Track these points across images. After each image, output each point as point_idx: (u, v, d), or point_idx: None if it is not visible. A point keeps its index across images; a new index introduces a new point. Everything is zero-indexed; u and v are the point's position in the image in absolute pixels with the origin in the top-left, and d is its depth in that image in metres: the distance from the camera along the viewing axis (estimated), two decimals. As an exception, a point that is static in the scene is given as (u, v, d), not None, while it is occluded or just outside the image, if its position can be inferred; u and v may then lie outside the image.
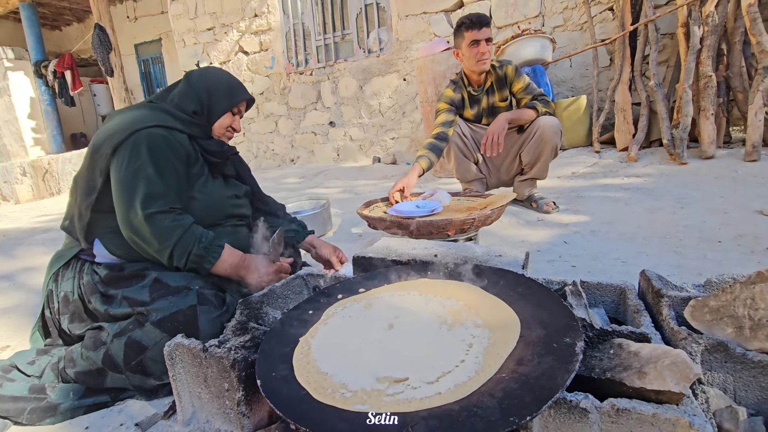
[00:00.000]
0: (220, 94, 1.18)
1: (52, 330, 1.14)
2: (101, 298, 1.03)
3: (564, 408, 0.57)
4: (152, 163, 1.02)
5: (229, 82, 1.21)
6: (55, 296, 1.10)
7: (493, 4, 3.90)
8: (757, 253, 1.49)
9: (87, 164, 1.09)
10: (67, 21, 8.78)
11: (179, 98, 1.16)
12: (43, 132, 7.14)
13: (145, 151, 1.02)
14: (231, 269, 1.09)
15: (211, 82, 1.18)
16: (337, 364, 0.70)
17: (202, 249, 1.03)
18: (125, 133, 1.03)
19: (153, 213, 0.99)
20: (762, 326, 0.62)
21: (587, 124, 3.52)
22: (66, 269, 1.11)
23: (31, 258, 2.39)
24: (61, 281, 1.10)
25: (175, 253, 1.01)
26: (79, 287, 1.07)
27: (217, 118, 1.19)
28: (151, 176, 1.01)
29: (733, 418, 0.57)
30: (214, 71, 1.22)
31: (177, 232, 1.01)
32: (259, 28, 5.22)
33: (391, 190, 1.89)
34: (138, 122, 1.05)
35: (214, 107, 1.18)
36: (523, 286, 0.85)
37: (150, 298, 1.00)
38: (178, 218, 1.03)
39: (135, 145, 1.02)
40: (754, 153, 2.60)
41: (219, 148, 1.20)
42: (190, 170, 1.13)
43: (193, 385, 0.83)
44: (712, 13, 2.82)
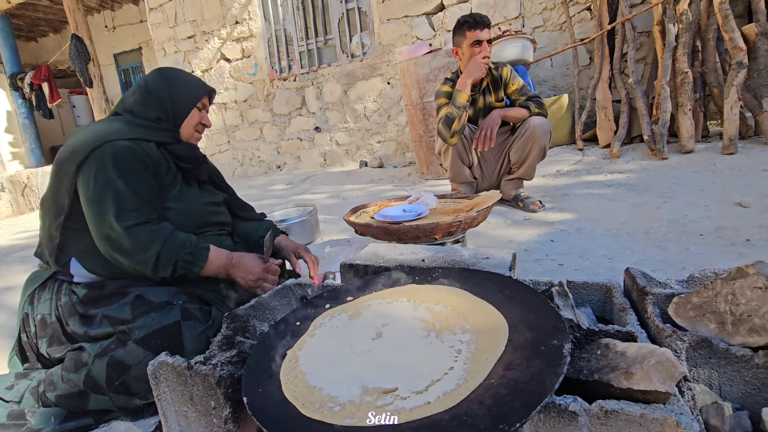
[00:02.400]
0: (181, 93, 1.15)
1: (30, 354, 1.09)
2: (80, 320, 1.00)
3: (553, 412, 0.57)
4: (120, 177, 0.99)
5: (186, 79, 1.19)
6: (32, 319, 1.06)
7: (473, 6, 3.94)
8: (737, 245, 1.52)
9: (52, 184, 1.05)
10: (43, 32, 8.61)
11: (140, 106, 1.12)
12: (21, 146, 6.97)
13: (111, 164, 0.99)
14: (220, 269, 1.07)
15: (168, 83, 1.15)
16: (325, 377, 0.69)
17: (188, 254, 1.01)
18: (88, 148, 0.99)
19: (130, 226, 0.97)
20: (743, 321, 0.63)
21: (570, 122, 3.57)
22: (42, 290, 1.07)
23: (10, 277, 2.33)
24: (37, 303, 1.06)
25: (160, 263, 0.99)
26: (57, 309, 1.03)
27: (183, 118, 1.16)
28: (121, 189, 0.98)
29: (719, 414, 0.57)
30: (167, 72, 1.18)
31: (157, 242, 0.98)
32: (241, 35, 5.19)
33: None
34: (100, 137, 1.02)
35: (178, 108, 1.15)
36: (510, 288, 0.85)
37: (132, 315, 0.97)
38: (155, 228, 1.00)
39: (100, 160, 0.99)
40: (731, 146, 2.66)
41: (191, 153, 1.17)
42: (162, 180, 1.10)
43: (179, 404, 0.81)
44: (686, 11, 2.89)
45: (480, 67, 2.07)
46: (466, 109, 2.10)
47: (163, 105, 1.13)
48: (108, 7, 7.78)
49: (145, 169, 1.05)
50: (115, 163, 1.00)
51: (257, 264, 1.12)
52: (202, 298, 1.09)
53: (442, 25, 4.12)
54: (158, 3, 5.58)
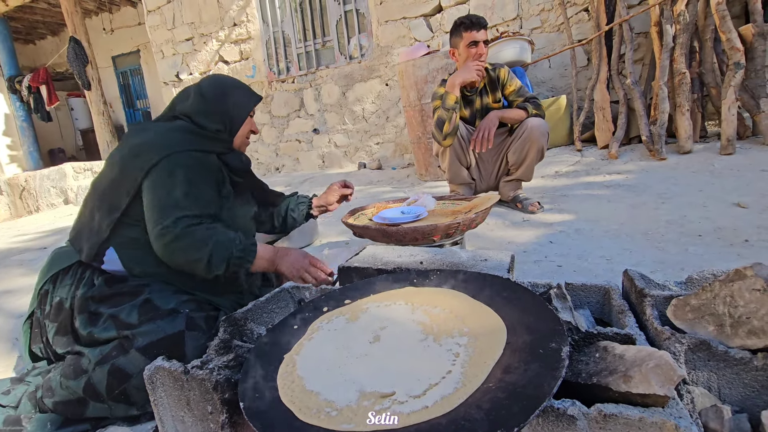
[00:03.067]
0: (237, 104, 1.19)
1: (37, 332, 1.10)
2: (87, 319, 1.00)
3: (552, 416, 0.57)
4: (187, 184, 1.02)
5: (240, 89, 1.22)
6: (49, 299, 1.07)
7: (471, 8, 3.94)
8: (736, 246, 1.52)
9: (112, 182, 1.07)
10: (41, 35, 8.61)
11: (199, 117, 1.15)
12: (19, 149, 6.96)
13: (181, 172, 1.02)
14: (268, 263, 1.11)
15: (225, 95, 1.18)
16: (322, 381, 0.68)
17: (239, 251, 1.04)
18: (160, 155, 1.02)
19: (188, 226, 0.99)
20: (742, 323, 0.63)
21: (568, 123, 3.57)
22: (65, 274, 1.08)
23: (8, 280, 2.32)
24: (58, 285, 1.07)
25: (214, 261, 1.00)
26: (72, 298, 1.04)
27: (238, 128, 1.20)
28: (187, 195, 1.01)
29: (718, 417, 0.57)
30: (222, 82, 1.21)
31: (210, 242, 1.00)
32: (239, 38, 5.19)
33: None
34: (171, 145, 1.06)
35: (235, 119, 1.19)
36: (508, 290, 0.85)
37: (138, 320, 0.97)
38: (209, 227, 1.02)
39: (170, 168, 1.03)
40: (729, 146, 2.67)
41: (242, 165, 1.21)
42: (221, 192, 1.14)
43: (176, 409, 0.80)
44: (683, 12, 2.89)
45: (470, 71, 2.07)
46: (455, 111, 2.10)
47: (222, 118, 1.16)
48: (106, 9, 7.78)
49: (209, 179, 1.09)
50: (185, 171, 1.03)
51: (303, 255, 1.16)
52: (210, 303, 1.08)
53: (440, 27, 4.12)
54: (156, 5, 5.58)
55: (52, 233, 3.69)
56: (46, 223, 4.46)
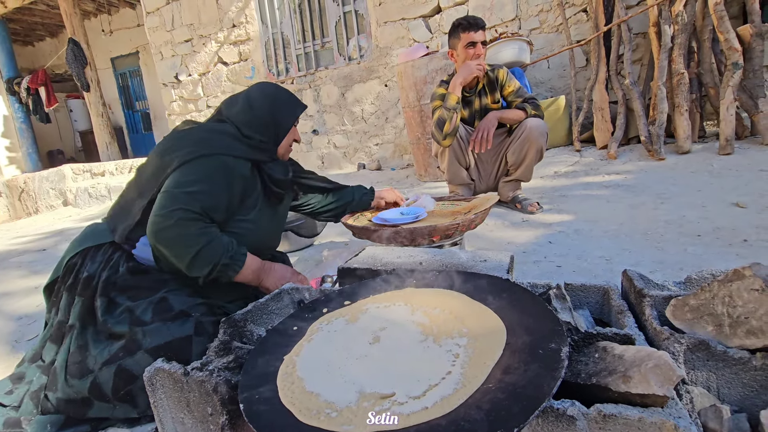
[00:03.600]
0: (283, 114, 1.21)
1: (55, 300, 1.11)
2: (106, 304, 1.02)
3: (551, 416, 0.57)
4: (206, 186, 1.03)
5: (285, 98, 1.24)
6: (76, 272, 1.08)
7: (470, 8, 3.95)
8: (735, 246, 1.52)
9: (154, 169, 1.09)
10: (40, 36, 8.61)
11: (244, 126, 1.17)
12: (18, 150, 6.96)
13: (204, 173, 1.04)
14: (252, 275, 1.10)
15: (271, 106, 1.20)
16: (322, 383, 0.68)
17: (228, 258, 1.03)
18: (200, 152, 1.05)
19: (181, 219, 0.99)
20: (740, 323, 0.63)
21: (567, 123, 3.58)
22: (97, 251, 1.09)
23: (7, 282, 2.32)
24: (88, 261, 1.08)
25: (198, 261, 1.00)
26: (98, 277, 1.05)
27: (283, 137, 1.23)
28: (197, 194, 1.02)
29: (717, 417, 0.57)
30: (269, 91, 1.23)
31: (202, 240, 1.00)
32: (238, 39, 5.19)
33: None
34: (210, 145, 1.08)
35: (281, 130, 1.21)
36: (508, 291, 0.85)
37: (151, 319, 0.98)
38: (206, 228, 1.02)
39: (203, 165, 1.05)
40: (727, 146, 2.67)
41: (284, 176, 1.22)
42: (246, 201, 1.15)
43: (176, 411, 0.80)
44: (681, 13, 2.90)
45: (471, 69, 2.08)
46: (456, 111, 2.11)
47: (267, 129, 1.18)
48: (105, 11, 7.78)
49: (231, 187, 1.09)
50: (208, 172, 1.05)
51: (287, 271, 1.16)
52: (221, 307, 1.09)
53: (439, 28, 4.13)
54: (155, 7, 5.58)
55: (52, 235, 3.68)
56: (45, 224, 4.45)
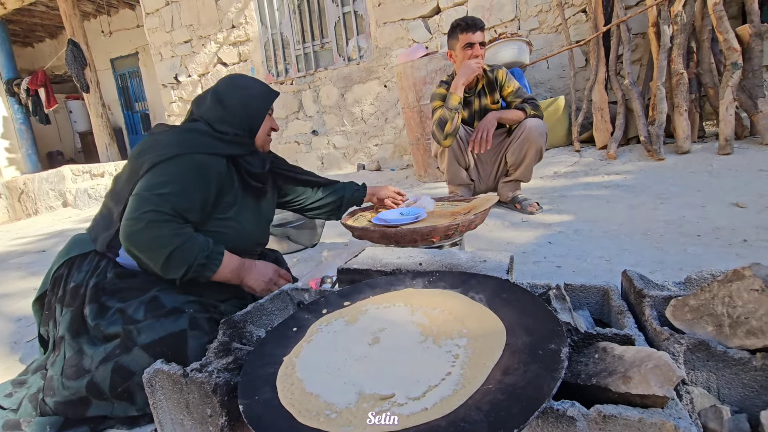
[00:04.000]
0: (255, 106, 1.17)
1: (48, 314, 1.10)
2: (97, 309, 1.01)
3: (551, 417, 0.57)
4: (178, 186, 1.01)
5: (257, 88, 1.20)
6: (63, 283, 1.07)
7: (469, 9, 3.95)
8: (734, 246, 1.52)
9: (127, 175, 1.08)
10: (40, 37, 8.61)
11: (218, 124, 1.13)
12: (18, 151, 6.95)
13: (177, 174, 1.02)
14: (231, 273, 1.08)
15: (242, 98, 1.16)
16: (322, 384, 0.68)
17: (204, 258, 1.02)
18: (172, 153, 1.03)
19: (152, 221, 0.97)
20: (740, 323, 0.63)
21: (566, 123, 3.58)
22: (83, 260, 1.08)
23: (7, 284, 2.31)
24: (74, 270, 1.08)
25: (172, 262, 0.98)
26: (86, 285, 1.05)
27: (258, 129, 1.20)
28: (169, 195, 1.00)
29: (717, 418, 0.57)
30: (240, 83, 1.19)
31: (176, 241, 0.98)
32: (238, 39, 5.19)
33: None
34: (182, 145, 1.05)
35: (254, 121, 1.18)
36: (507, 292, 0.85)
37: (144, 317, 0.98)
38: (180, 229, 1.00)
39: (170, 167, 1.03)
40: (727, 146, 2.67)
41: (261, 169, 1.20)
42: (224, 198, 1.12)
43: (175, 412, 0.80)
44: (680, 13, 2.90)
45: (472, 68, 2.09)
46: (458, 111, 2.11)
47: (240, 122, 1.15)
48: (104, 12, 7.78)
49: (209, 184, 1.07)
50: (181, 173, 1.03)
51: (269, 268, 1.15)
52: (215, 306, 1.09)
53: (439, 28, 4.13)
54: (155, 8, 5.58)
55: (51, 236, 3.68)
56: (45, 225, 4.45)
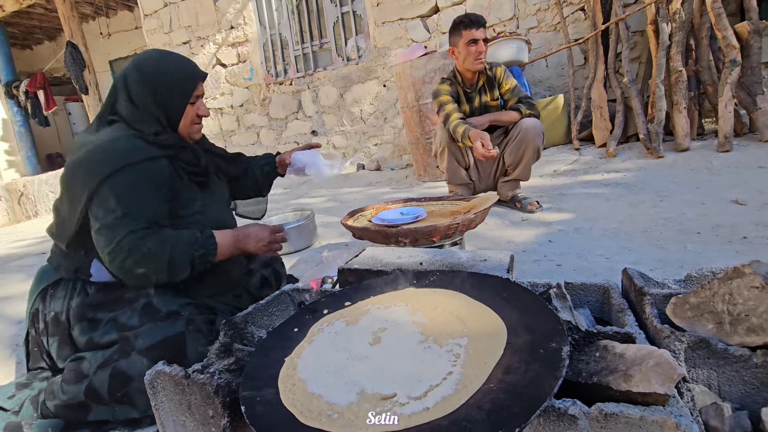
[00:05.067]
0: (170, 97, 1.06)
1: (37, 351, 1.09)
2: (87, 325, 0.99)
3: (553, 416, 0.57)
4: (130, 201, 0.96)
5: (172, 76, 1.07)
6: (42, 316, 1.05)
7: (468, 8, 3.95)
8: (734, 243, 1.52)
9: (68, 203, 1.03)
10: (38, 40, 8.60)
11: (134, 122, 1.05)
12: (17, 153, 6.95)
13: (122, 191, 0.96)
14: (232, 249, 1.07)
15: (153, 91, 1.05)
16: (323, 384, 0.68)
17: (199, 248, 1.00)
18: (104, 172, 0.96)
19: (132, 241, 0.94)
20: (741, 321, 0.63)
21: (566, 122, 3.58)
22: (56, 287, 1.06)
23: (8, 286, 2.31)
24: (50, 300, 1.05)
25: (177, 266, 0.98)
26: (68, 310, 1.02)
27: (178, 121, 1.09)
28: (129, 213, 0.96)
29: (718, 415, 0.57)
30: (149, 74, 1.06)
31: (166, 249, 0.96)
32: (236, 40, 5.19)
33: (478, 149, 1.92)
34: (111, 161, 0.97)
35: (171, 113, 1.07)
36: (508, 291, 0.85)
37: (139, 322, 0.97)
38: (158, 238, 0.98)
39: (109, 189, 0.96)
40: (726, 144, 2.67)
41: (198, 165, 1.14)
42: (180, 196, 1.08)
43: (177, 414, 0.80)
44: (678, 10, 2.90)
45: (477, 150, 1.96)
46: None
47: (158, 117, 1.06)
48: (103, 14, 7.77)
49: (157, 188, 1.01)
50: (125, 189, 0.96)
51: (263, 229, 1.13)
52: (210, 308, 1.08)
53: (437, 28, 4.13)
54: (153, 9, 5.58)
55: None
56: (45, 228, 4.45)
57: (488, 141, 1.95)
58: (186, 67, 1.11)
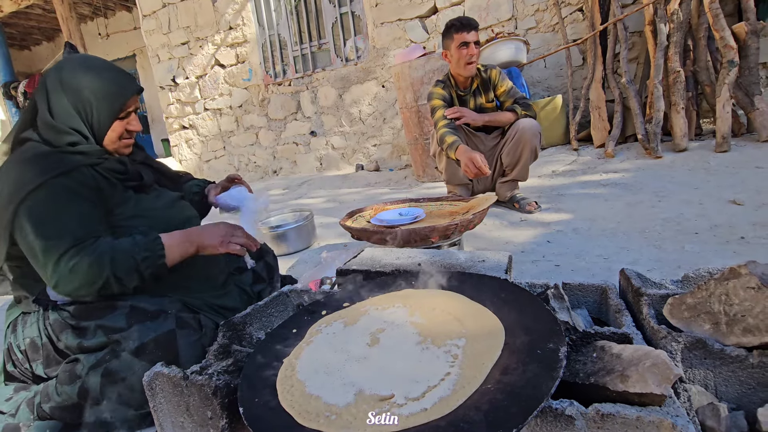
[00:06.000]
0: (95, 110, 1.00)
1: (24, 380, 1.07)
2: (73, 332, 0.97)
3: (550, 416, 0.57)
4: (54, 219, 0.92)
5: (99, 89, 1.00)
6: (16, 347, 1.02)
7: (466, 9, 3.96)
8: (732, 243, 1.53)
9: None
10: (36, 40, 8.59)
11: (48, 133, 0.97)
12: (16, 155, 6.93)
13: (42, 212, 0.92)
14: (185, 247, 1.00)
15: (77, 100, 0.99)
16: (322, 386, 0.68)
17: (144, 252, 0.95)
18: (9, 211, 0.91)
19: (65, 266, 0.90)
20: (737, 321, 0.63)
21: (564, 122, 3.58)
22: (27, 315, 1.03)
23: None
24: (22, 329, 1.02)
25: (121, 277, 0.93)
26: (46, 328, 1.00)
27: (103, 135, 1.02)
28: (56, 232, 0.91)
29: (715, 415, 0.57)
30: (73, 79, 0.99)
31: (105, 261, 0.91)
32: (235, 41, 5.19)
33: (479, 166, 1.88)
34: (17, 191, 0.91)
35: (96, 127, 1.01)
36: (506, 291, 0.85)
37: (127, 324, 0.96)
38: (93, 250, 0.92)
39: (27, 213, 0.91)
40: (724, 144, 2.68)
41: (125, 171, 1.06)
42: (109, 201, 1.02)
43: (176, 415, 0.80)
44: (676, 11, 2.91)
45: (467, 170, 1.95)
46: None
47: (76, 128, 0.99)
48: (101, 14, 7.77)
49: (76, 199, 0.95)
50: (33, 220, 0.91)
51: (220, 226, 1.07)
52: (188, 306, 1.07)
53: (436, 28, 4.13)
54: (151, 10, 5.58)
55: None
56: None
57: (478, 160, 1.89)
58: (118, 79, 1.04)
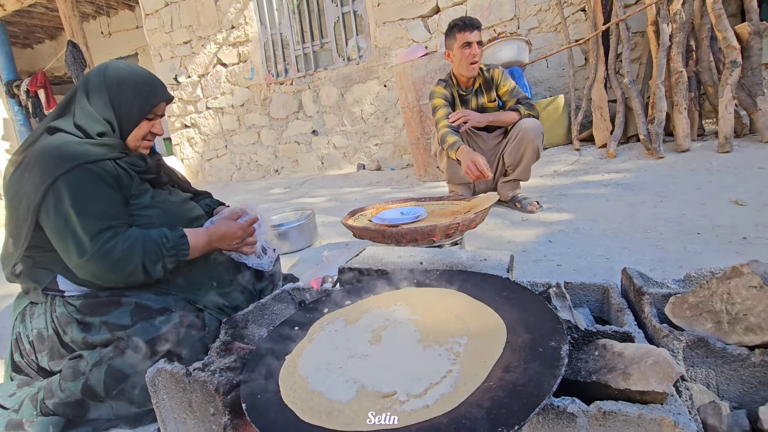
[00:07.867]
0: (129, 105, 1.07)
1: (28, 372, 1.08)
2: (78, 327, 0.99)
3: (552, 414, 0.57)
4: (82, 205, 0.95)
5: (136, 87, 1.08)
6: (25, 337, 1.04)
7: (468, 9, 3.95)
8: (734, 243, 1.53)
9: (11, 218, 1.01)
10: (39, 39, 8.60)
11: (83, 119, 1.04)
12: (18, 153, 6.95)
13: (69, 197, 0.95)
14: (205, 246, 1.09)
15: (114, 93, 1.06)
16: (324, 382, 0.69)
17: (170, 248, 1.01)
18: (41, 190, 0.94)
19: (101, 247, 0.93)
20: (739, 320, 0.63)
21: (566, 122, 3.58)
22: (34, 306, 1.05)
23: (9, 285, 2.32)
24: (30, 320, 1.04)
25: (148, 267, 0.97)
26: (53, 321, 1.01)
27: (130, 130, 1.09)
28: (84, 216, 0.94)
29: (716, 413, 0.58)
30: (115, 74, 1.07)
31: (137, 250, 0.96)
32: (237, 40, 5.19)
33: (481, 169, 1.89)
34: (49, 172, 0.95)
35: (125, 121, 1.07)
36: (508, 290, 0.85)
37: (131, 321, 0.97)
38: (126, 238, 0.97)
39: (55, 199, 0.94)
40: (726, 144, 2.68)
41: (145, 166, 1.11)
42: (128, 192, 1.06)
43: (178, 411, 0.81)
44: (679, 11, 2.91)
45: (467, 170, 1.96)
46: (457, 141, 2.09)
47: (108, 119, 1.06)
48: (104, 13, 7.78)
49: (105, 186, 1.00)
50: (72, 194, 0.95)
51: (234, 226, 1.14)
52: (193, 303, 1.08)
53: (438, 28, 4.13)
54: (154, 9, 5.58)
55: (52, 237, 3.67)
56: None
57: (480, 163, 1.89)
58: (154, 82, 1.13)
